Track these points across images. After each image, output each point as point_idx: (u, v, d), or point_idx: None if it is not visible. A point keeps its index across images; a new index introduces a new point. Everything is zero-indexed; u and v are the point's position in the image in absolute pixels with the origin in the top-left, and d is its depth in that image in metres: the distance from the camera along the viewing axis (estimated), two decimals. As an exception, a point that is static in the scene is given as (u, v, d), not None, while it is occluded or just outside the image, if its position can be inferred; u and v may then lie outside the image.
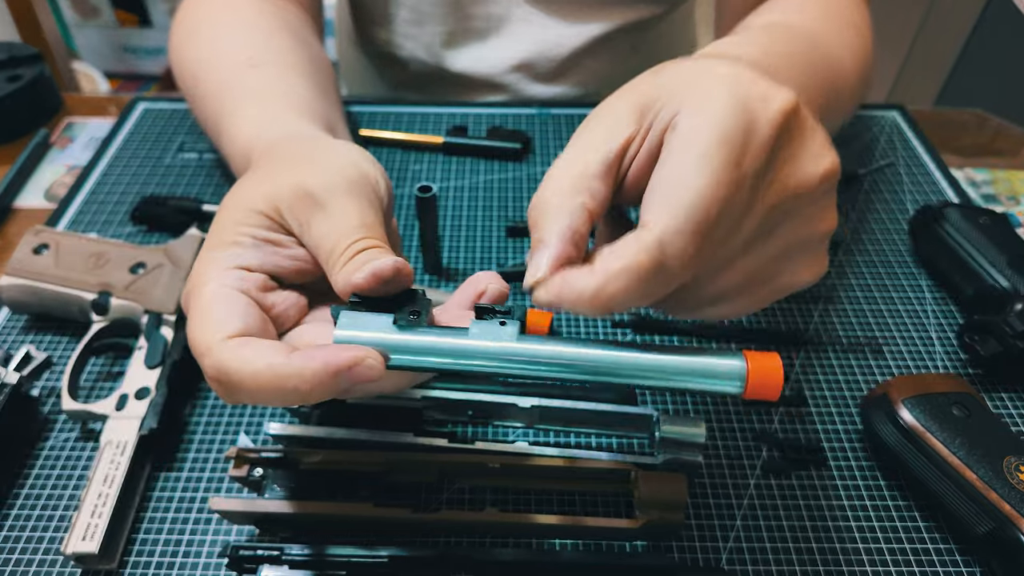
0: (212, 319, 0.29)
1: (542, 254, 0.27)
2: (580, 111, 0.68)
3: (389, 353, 0.28)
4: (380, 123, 0.66)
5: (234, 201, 0.33)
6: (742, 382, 0.28)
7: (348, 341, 0.28)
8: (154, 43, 1.82)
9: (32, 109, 0.67)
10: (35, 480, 0.41)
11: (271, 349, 0.27)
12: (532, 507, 0.40)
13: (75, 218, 0.57)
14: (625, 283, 0.26)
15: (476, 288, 0.32)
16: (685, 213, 0.26)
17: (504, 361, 0.28)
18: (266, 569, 0.35)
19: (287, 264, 0.32)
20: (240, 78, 0.47)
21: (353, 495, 0.38)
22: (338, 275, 0.30)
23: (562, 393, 0.42)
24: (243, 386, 0.27)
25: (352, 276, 0.29)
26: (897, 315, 0.51)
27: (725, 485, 0.41)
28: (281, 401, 0.27)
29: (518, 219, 0.57)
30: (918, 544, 0.39)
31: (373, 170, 0.34)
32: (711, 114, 0.26)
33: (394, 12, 0.71)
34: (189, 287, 0.31)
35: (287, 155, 0.36)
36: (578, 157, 0.29)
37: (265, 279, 0.31)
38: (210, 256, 0.31)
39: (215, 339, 0.28)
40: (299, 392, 0.26)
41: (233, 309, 0.29)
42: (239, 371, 0.27)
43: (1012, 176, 0.64)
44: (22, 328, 0.49)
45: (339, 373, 0.26)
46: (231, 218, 0.32)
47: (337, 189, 0.32)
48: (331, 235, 0.31)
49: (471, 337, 0.28)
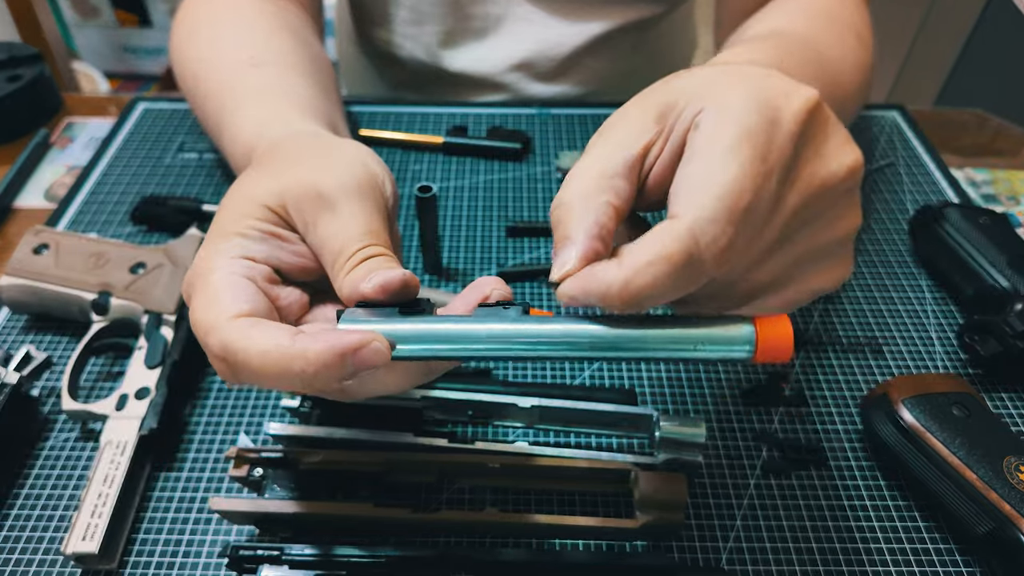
0: (219, 300, 0.28)
1: (569, 250, 0.27)
2: (580, 111, 0.68)
3: (395, 341, 0.28)
4: (380, 123, 0.66)
5: (239, 194, 0.32)
6: (752, 346, 0.27)
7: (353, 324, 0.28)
8: (154, 43, 1.82)
9: (32, 109, 0.67)
10: (35, 480, 0.41)
11: (278, 329, 0.27)
12: (532, 507, 0.40)
13: (75, 218, 0.57)
14: (655, 275, 0.25)
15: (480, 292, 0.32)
16: (716, 203, 0.25)
17: (508, 343, 0.28)
18: (266, 569, 0.35)
19: (291, 260, 0.32)
20: (241, 77, 0.47)
21: (353, 495, 0.38)
22: (343, 281, 0.30)
23: (562, 393, 0.42)
24: (249, 365, 0.26)
25: (360, 285, 0.29)
26: (897, 315, 0.51)
27: (725, 485, 0.41)
28: (286, 383, 0.26)
29: (518, 219, 0.57)
30: (918, 544, 0.39)
31: (380, 171, 0.34)
32: (734, 111, 0.26)
33: (393, 12, 0.71)
34: (192, 276, 0.30)
35: (293, 152, 0.36)
36: (600, 159, 0.28)
37: (270, 272, 0.31)
38: (215, 246, 0.31)
39: (222, 318, 0.27)
40: (305, 374, 0.26)
41: (240, 293, 0.29)
42: (246, 350, 0.26)
43: (1012, 176, 0.64)
44: (22, 328, 0.49)
45: (345, 355, 0.26)
46: (236, 211, 0.32)
47: (346, 189, 0.32)
48: (337, 238, 0.30)
49: (475, 321, 0.28)
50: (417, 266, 0.53)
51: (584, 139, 0.65)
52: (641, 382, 0.46)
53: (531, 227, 0.56)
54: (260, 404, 0.45)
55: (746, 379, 0.46)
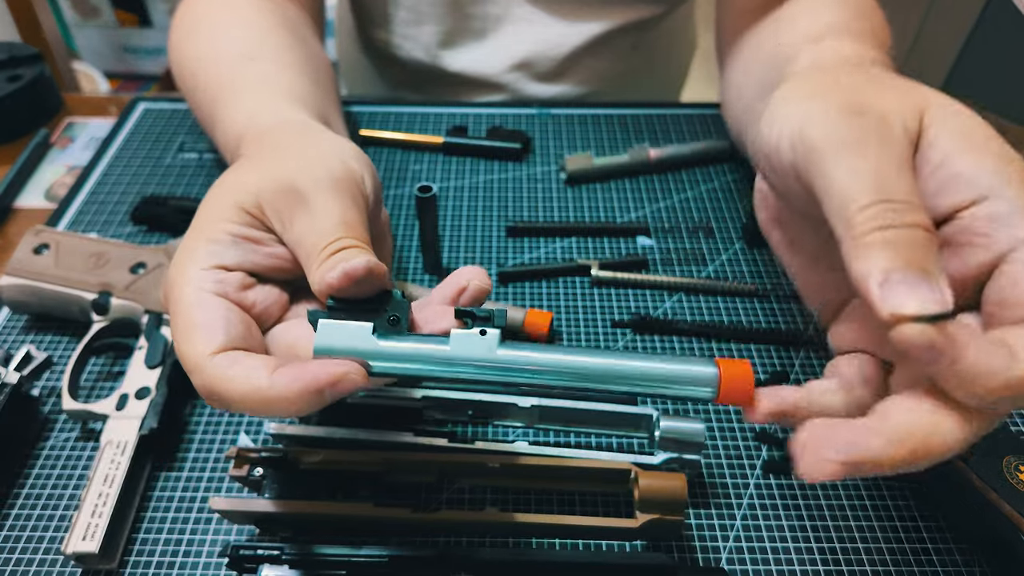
0: (195, 332, 0.29)
1: (934, 283, 0.23)
2: (580, 111, 0.68)
3: (370, 363, 0.29)
4: (380, 123, 0.66)
5: (219, 192, 0.33)
6: (714, 388, 0.28)
7: (328, 351, 0.29)
8: (154, 43, 1.81)
9: (32, 109, 0.67)
10: (35, 480, 0.41)
11: (256, 369, 0.28)
12: (532, 507, 0.40)
13: (75, 218, 0.57)
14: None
15: (458, 283, 0.32)
16: None
17: (484, 369, 0.29)
18: (266, 569, 0.35)
19: (266, 262, 0.32)
20: (236, 71, 0.47)
21: (353, 495, 0.39)
22: (315, 275, 0.30)
23: (562, 393, 0.42)
24: (231, 407, 0.28)
25: (325, 276, 0.29)
26: (897, 315, 0.50)
27: (725, 485, 0.41)
28: (270, 416, 0.28)
29: (518, 219, 0.57)
30: (918, 544, 0.39)
31: (358, 165, 0.34)
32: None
33: (393, 12, 0.71)
34: (168, 283, 0.31)
35: (275, 144, 0.36)
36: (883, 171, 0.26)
37: (244, 277, 0.31)
38: (189, 252, 0.31)
39: (201, 357, 0.28)
40: (287, 410, 0.27)
41: (215, 319, 0.29)
42: (227, 392, 0.28)
43: (1012, 176, 0.64)
44: (22, 328, 0.49)
45: (322, 391, 0.27)
46: (213, 213, 0.32)
47: (320, 185, 0.32)
48: (311, 234, 0.30)
49: (451, 348, 0.29)
50: (417, 266, 0.53)
51: (584, 139, 0.65)
52: (641, 382, 0.46)
53: (531, 227, 0.56)
54: (260, 404, 0.45)
55: (746, 379, 0.46)
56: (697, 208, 0.58)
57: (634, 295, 0.51)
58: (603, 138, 0.65)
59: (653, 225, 0.57)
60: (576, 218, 0.57)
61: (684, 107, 0.70)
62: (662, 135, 0.65)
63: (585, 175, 0.60)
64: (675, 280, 0.52)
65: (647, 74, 0.80)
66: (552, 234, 0.56)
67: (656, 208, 0.58)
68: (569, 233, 0.56)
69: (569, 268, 0.53)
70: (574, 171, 0.60)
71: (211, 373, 0.28)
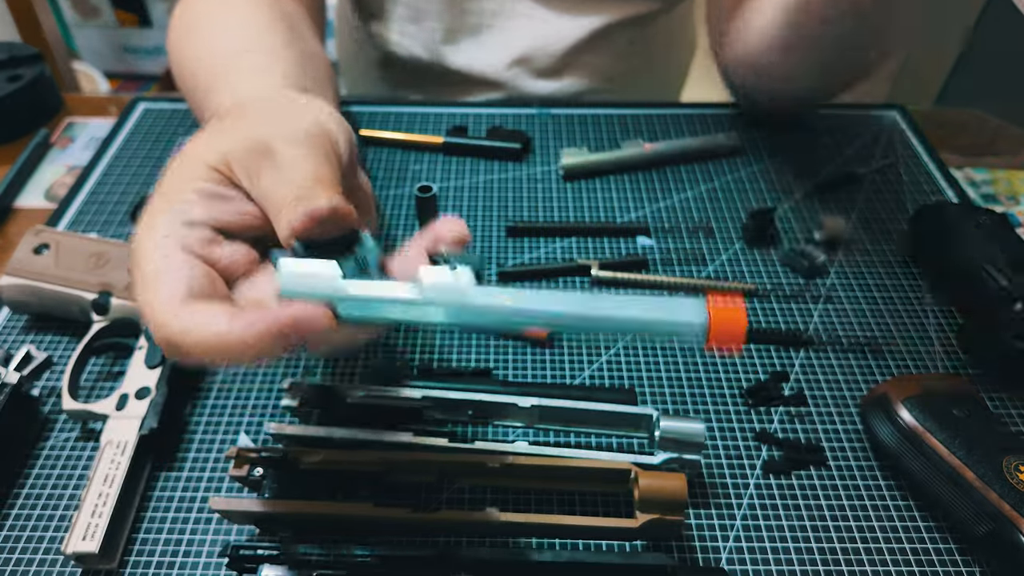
0: (156, 281, 0.28)
1: None
2: (580, 111, 0.68)
3: (336, 304, 0.28)
4: (380, 123, 0.66)
5: (188, 152, 0.32)
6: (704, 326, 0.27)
7: (293, 294, 0.28)
8: (154, 43, 1.81)
9: (32, 109, 0.67)
10: (35, 480, 0.41)
11: (215, 316, 0.27)
12: (532, 507, 0.40)
13: (75, 218, 0.57)
14: None
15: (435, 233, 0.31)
16: None
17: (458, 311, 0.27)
18: (266, 569, 0.35)
19: (234, 219, 0.32)
20: (231, 63, 0.47)
21: (353, 495, 0.39)
22: (281, 223, 0.29)
23: (562, 393, 0.42)
24: (191, 354, 0.27)
25: (290, 219, 0.28)
26: (897, 315, 0.51)
27: (725, 485, 0.41)
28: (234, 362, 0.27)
29: (518, 219, 0.57)
30: (918, 544, 0.39)
31: (334, 126, 0.34)
32: None
33: (391, 9, 0.71)
34: (134, 244, 0.30)
35: (250, 111, 0.35)
36: None
37: (210, 233, 0.31)
38: (155, 213, 0.30)
39: (162, 305, 0.28)
40: (246, 354, 0.26)
41: (176, 270, 0.29)
42: (185, 340, 0.27)
43: (1012, 176, 0.64)
44: (22, 328, 0.49)
45: (284, 333, 0.26)
46: (181, 172, 0.31)
47: (289, 140, 0.31)
48: (280, 186, 0.30)
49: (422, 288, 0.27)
50: (417, 266, 0.53)
51: (584, 139, 0.65)
52: (641, 382, 0.46)
53: (531, 227, 0.56)
54: (260, 404, 0.45)
55: (746, 379, 0.46)
56: (697, 208, 0.58)
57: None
58: (603, 138, 0.65)
59: (653, 225, 0.57)
60: (576, 218, 0.57)
61: (684, 107, 0.70)
62: (662, 135, 0.65)
63: (581, 169, 0.60)
64: (675, 280, 0.52)
65: (647, 73, 0.80)
66: (552, 234, 0.56)
67: (656, 208, 0.58)
68: (569, 233, 0.56)
69: (569, 268, 0.53)
70: (569, 165, 0.60)
71: (170, 321, 0.27)
